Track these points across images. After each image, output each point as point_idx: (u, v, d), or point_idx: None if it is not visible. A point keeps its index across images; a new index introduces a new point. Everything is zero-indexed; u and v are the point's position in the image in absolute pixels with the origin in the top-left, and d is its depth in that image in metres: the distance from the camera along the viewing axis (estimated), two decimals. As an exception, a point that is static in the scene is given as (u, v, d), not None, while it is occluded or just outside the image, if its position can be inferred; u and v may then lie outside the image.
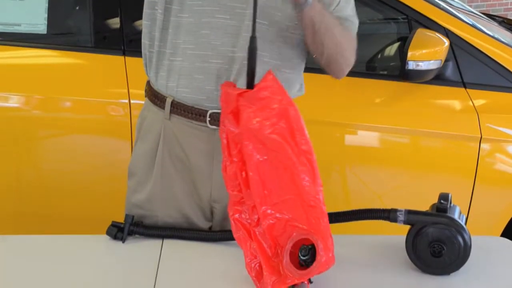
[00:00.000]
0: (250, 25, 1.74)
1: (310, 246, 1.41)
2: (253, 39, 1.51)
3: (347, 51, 1.83)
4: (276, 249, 1.46)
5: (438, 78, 2.73)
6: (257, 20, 1.75)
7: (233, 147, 1.45)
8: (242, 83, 1.75)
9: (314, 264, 1.39)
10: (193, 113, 1.81)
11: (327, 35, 1.73)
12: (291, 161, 1.39)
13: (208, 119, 1.80)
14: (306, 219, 1.42)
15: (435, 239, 1.56)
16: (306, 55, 1.91)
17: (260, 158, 1.42)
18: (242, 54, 1.77)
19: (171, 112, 1.83)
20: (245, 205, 1.47)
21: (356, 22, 1.89)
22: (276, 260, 1.45)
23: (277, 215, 1.44)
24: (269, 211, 1.44)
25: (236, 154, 1.44)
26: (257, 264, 1.47)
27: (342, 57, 1.83)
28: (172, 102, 1.82)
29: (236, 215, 1.48)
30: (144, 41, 1.87)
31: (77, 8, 2.93)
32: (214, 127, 1.80)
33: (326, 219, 1.40)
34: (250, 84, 1.45)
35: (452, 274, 1.57)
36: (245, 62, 1.75)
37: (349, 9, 1.88)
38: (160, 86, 1.85)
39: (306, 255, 1.42)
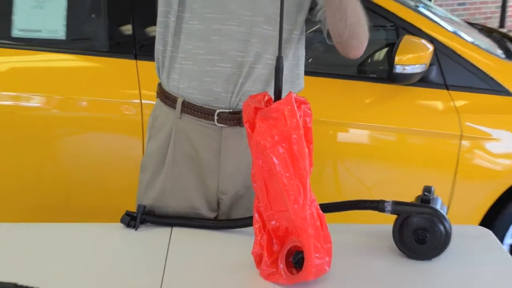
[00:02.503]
0: (258, 31, 1.76)
1: (301, 255, 1.44)
2: (279, 59, 1.47)
3: (365, 23, 1.78)
4: (281, 246, 1.49)
5: (423, 80, 2.73)
6: (263, 26, 1.78)
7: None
8: (249, 85, 1.79)
9: (302, 272, 1.42)
10: (202, 113, 1.81)
11: (350, 4, 1.69)
12: (283, 184, 1.39)
13: (216, 118, 1.81)
14: (296, 232, 1.44)
15: (419, 228, 1.57)
16: (304, 53, 1.90)
17: (266, 168, 1.43)
18: (250, 58, 1.78)
19: (181, 111, 1.83)
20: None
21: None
22: (278, 255, 1.49)
23: (279, 221, 1.48)
24: (273, 215, 1.47)
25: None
26: (261, 253, 1.50)
27: (362, 28, 1.77)
28: (182, 102, 1.83)
29: (260, 205, 1.50)
30: (158, 46, 1.86)
31: (93, 16, 2.93)
32: (221, 125, 1.81)
33: (311, 238, 1.41)
34: (278, 99, 1.43)
35: (434, 259, 1.58)
36: (253, 66, 1.78)
37: None
38: (171, 87, 1.85)
39: (296, 263, 1.46)
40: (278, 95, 1.44)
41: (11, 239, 1.69)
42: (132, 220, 1.73)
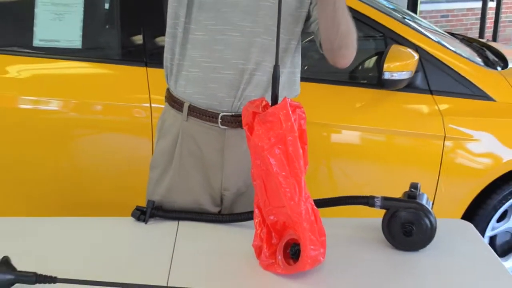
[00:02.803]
0: (257, 41, 1.76)
1: (297, 247, 1.45)
2: (276, 68, 1.47)
3: (354, 34, 1.78)
4: (279, 239, 1.50)
5: (409, 86, 2.73)
6: (262, 36, 1.78)
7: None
8: (250, 91, 1.79)
9: (298, 263, 1.43)
10: (207, 116, 1.81)
11: (342, 14, 1.69)
12: (279, 182, 1.40)
13: (220, 120, 1.81)
14: (292, 225, 1.45)
15: (406, 221, 1.57)
16: (300, 61, 1.90)
17: (264, 168, 1.43)
18: (250, 66, 1.78)
19: (188, 114, 1.83)
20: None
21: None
22: (276, 247, 1.49)
23: (277, 216, 1.48)
24: (271, 211, 1.48)
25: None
26: (261, 246, 1.50)
27: (352, 39, 1.77)
28: (189, 106, 1.83)
29: (259, 202, 1.50)
30: (166, 55, 1.87)
31: (107, 27, 2.94)
32: (224, 127, 1.81)
33: (307, 231, 1.41)
34: (274, 104, 1.44)
35: (421, 251, 1.58)
36: (253, 73, 1.78)
37: None
38: (178, 92, 1.85)
39: (293, 254, 1.46)
40: (274, 100, 1.45)
41: (30, 232, 1.69)
42: (142, 214, 1.73)
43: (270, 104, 1.45)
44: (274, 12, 1.73)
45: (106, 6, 2.94)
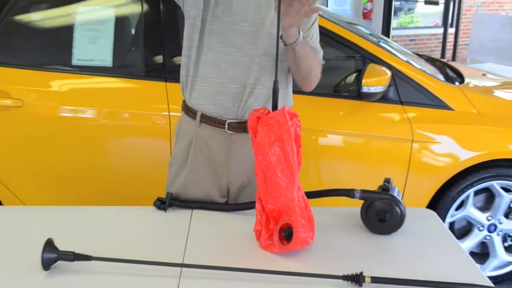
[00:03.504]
0: (258, 61, 1.77)
1: (290, 230, 1.45)
2: (275, 83, 1.50)
3: (316, 71, 1.80)
4: (275, 224, 1.50)
5: (383, 98, 2.73)
6: (262, 57, 1.78)
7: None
8: (251, 102, 1.79)
9: (291, 243, 1.44)
10: (216, 122, 1.81)
11: (303, 61, 1.71)
12: (277, 174, 1.41)
13: (226, 126, 1.81)
14: (287, 212, 1.45)
15: (381, 210, 1.58)
16: (292, 78, 1.89)
17: (264, 163, 1.44)
18: (251, 81, 1.78)
19: (200, 121, 1.83)
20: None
21: (321, 51, 1.87)
22: (273, 231, 1.49)
23: (274, 205, 1.48)
24: (269, 200, 1.48)
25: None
26: (261, 230, 1.51)
27: (313, 75, 1.79)
28: (201, 115, 1.83)
29: (260, 194, 1.50)
30: (182, 72, 1.87)
31: (133, 49, 2.94)
32: (231, 132, 1.81)
33: (298, 216, 1.42)
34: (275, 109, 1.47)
35: (392, 234, 1.59)
36: (254, 87, 1.78)
37: (317, 42, 1.86)
38: (192, 103, 1.85)
39: (287, 236, 1.47)
40: (274, 109, 1.47)
41: (70, 218, 1.70)
42: (162, 204, 1.73)
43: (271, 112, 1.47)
44: (271, 38, 1.75)
45: (132, 31, 2.94)
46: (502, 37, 6.40)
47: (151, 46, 2.78)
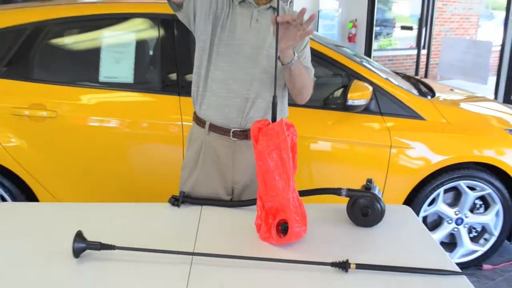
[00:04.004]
0: (258, 78, 1.77)
1: (286, 225, 1.45)
2: (274, 98, 1.51)
3: (309, 86, 1.80)
4: (273, 219, 1.50)
5: (366, 109, 2.72)
6: (262, 74, 1.77)
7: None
8: (252, 113, 1.79)
9: (286, 236, 1.44)
10: (222, 131, 1.81)
11: (298, 78, 1.71)
12: (274, 178, 1.42)
13: (231, 134, 1.81)
14: (283, 210, 1.45)
15: (364, 206, 1.58)
16: (287, 92, 1.89)
17: (264, 167, 1.44)
18: (253, 95, 1.78)
19: (209, 130, 1.83)
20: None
21: (313, 69, 1.87)
22: (271, 225, 1.49)
23: (272, 203, 1.48)
24: (268, 199, 1.48)
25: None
26: (261, 224, 1.50)
27: (306, 90, 1.79)
28: (209, 124, 1.83)
29: (260, 192, 1.50)
30: (193, 88, 1.87)
31: (151, 67, 2.94)
32: (235, 139, 1.81)
33: (293, 213, 1.42)
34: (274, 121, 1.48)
35: (374, 227, 1.59)
36: (255, 100, 1.78)
37: (309, 62, 1.87)
38: (202, 115, 1.85)
39: (283, 230, 1.47)
40: (273, 120, 1.48)
41: (97, 213, 1.69)
42: (176, 201, 1.73)
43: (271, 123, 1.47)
44: (269, 58, 1.75)
45: (151, 53, 2.94)
46: (466, 58, 6.40)
47: (167, 65, 2.78)
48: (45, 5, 3.05)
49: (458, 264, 1.43)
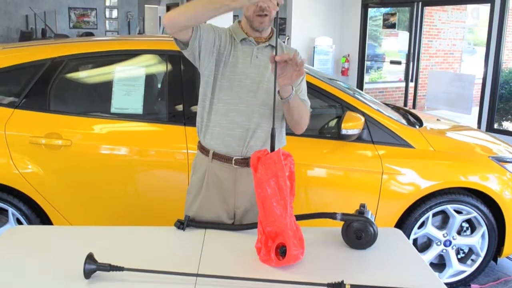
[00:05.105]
0: (258, 110, 1.78)
1: (285, 248, 1.45)
2: (273, 129, 1.52)
3: (305, 118, 1.81)
4: (273, 242, 1.49)
5: (359, 138, 2.73)
6: (261, 107, 1.79)
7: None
8: (253, 142, 1.80)
9: (285, 259, 1.44)
10: (225, 159, 1.82)
11: (295, 110, 1.73)
12: (272, 204, 1.42)
13: (233, 162, 1.81)
14: (282, 234, 1.45)
15: (358, 229, 1.57)
16: (285, 123, 1.89)
17: (263, 194, 1.43)
18: (252, 126, 1.79)
19: (212, 158, 1.84)
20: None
21: (309, 102, 1.89)
22: (271, 248, 1.48)
23: (271, 227, 1.47)
24: (267, 223, 1.47)
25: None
26: (261, 247, 1.50)
27: (303, 122, 1.81)
28: (213, 153, 1.83)
29: (260, 217, 1.50)
30: (198, 119, 1.88)
31: (159, 99, 2.95)
32: (236, 166, 1.81)
33: (290, 237, 1.42)
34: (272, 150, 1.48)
35: (367, 249, 1.58)
36: (255, 131, 1.79)
37: (305, 94, 1.88)
38: (206, 144, 1.86)
39: (282, 253, 1.46)
40: (272, 150, 1.48)
41: (106, 236, 1.69)
42: (181, 224, 1.72)
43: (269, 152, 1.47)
44: (268, 92, 1.77)
45: (159, 86, 2.96)
46: (451, 90, 6.45)
47: (173, 97, 2.79)
48: (61, 42, 3.09)
49: (447, 284, 1.42)
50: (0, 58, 2.76)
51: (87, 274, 1.33)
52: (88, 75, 2.98)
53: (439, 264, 2.95)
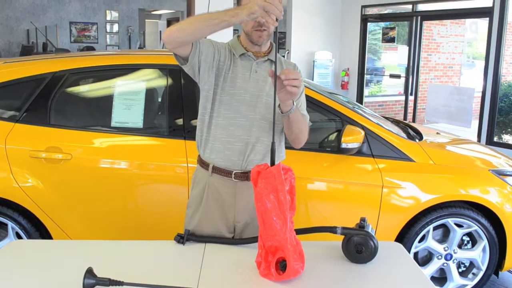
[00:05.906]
0: (257, 124, 1.79)
1: (285, 262, 1.45)
2: (273, 144, 1.52)
3: (305, 132, 1.82)
4: (273, 257, 1.49)
5: (358, 152, 2.73)
6: (261, 121, 1.80)
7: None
8: (252, 156, 1.80)
9: (285, 273, 1.43)
10: (224, 173, 1.82)
11: (295, 124, 1.73)
12: (272, 219, 1.42)
13: (233, 176, 1.81)
14: (281, 248, 1.45)
15: (358, 243, 1.57)
16: (284, 137, 1.90)
17: (263, 208, 1.43)
18: (252, 140, 1.80)
19: (212, 172, 1.84)
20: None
21: (308, 115, 1.89)
22: (271, 262, 1.48)
23: (271, 242, 1.47)
24: (268, 238, 1.47)
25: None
26: (261, 261, 1.49)
27: (302, 136, 1.81)
28: (213, 167, 1.83)
29: (260, 231, 1.50)
30: (198, 133, 1.88)
31: (159, 113, 2.97)
32: (236, 180, 1.82)
33: (291, 252, 1.42)
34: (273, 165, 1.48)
35: (368, 263, 1.58)
36: (254, 145, 1.80)
37: (305, 109, 1.89)
38: (206, 158, 1.86)
39: (282, 267, 1.46)
40: (272, 164, 1.48)
41: (106, 250, 1.68)
42: (181, 238, 1.72)
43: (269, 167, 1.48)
44: (267, 106, 1.78)
45: (159, 100, 2.97)
46: (450, 103, 6.47)
47: (173, 111, 2.80)
48: (62, 56, 3.11)
49: (448, 298, 1.41)
50: (1, 73, 2.77)
51: (87, 288, 1.32)
52: (89, 89, 2.99)
53: (440, 278, 2.94)
